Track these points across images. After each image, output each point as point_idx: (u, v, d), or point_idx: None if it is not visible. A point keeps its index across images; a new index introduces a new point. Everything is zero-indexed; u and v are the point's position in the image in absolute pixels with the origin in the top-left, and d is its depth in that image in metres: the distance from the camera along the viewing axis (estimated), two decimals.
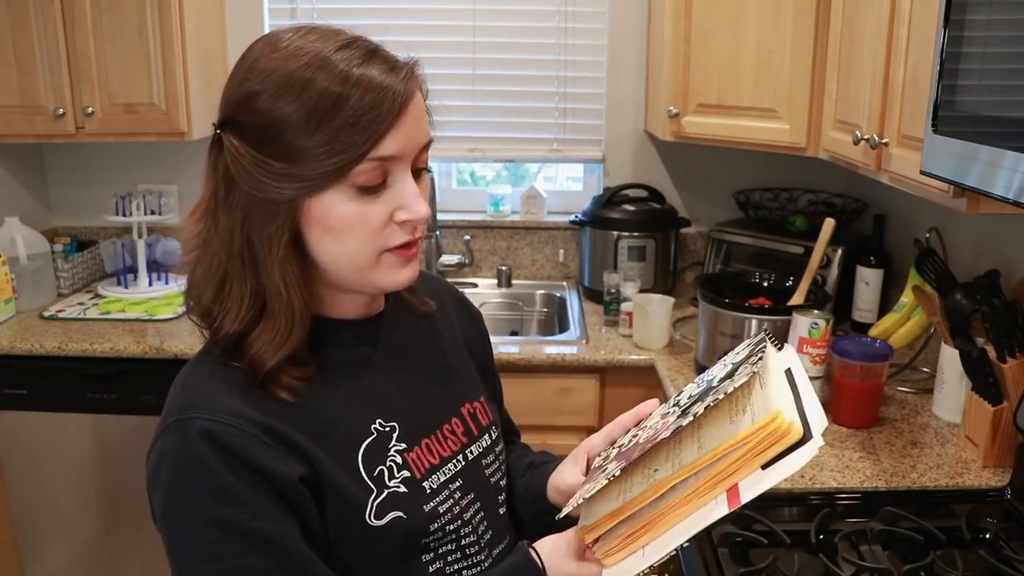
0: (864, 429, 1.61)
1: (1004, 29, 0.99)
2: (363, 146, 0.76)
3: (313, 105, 0.75)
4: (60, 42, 2.18)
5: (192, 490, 0.76)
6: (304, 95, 0.75)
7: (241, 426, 0.77)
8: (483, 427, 0.99)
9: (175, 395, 0.83)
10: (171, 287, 2.48)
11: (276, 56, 0.78)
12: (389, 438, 0.88)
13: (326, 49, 0.78)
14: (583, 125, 2.58)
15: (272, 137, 0.76)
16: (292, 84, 0.76)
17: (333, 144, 0.75)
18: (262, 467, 0.77)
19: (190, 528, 0.76)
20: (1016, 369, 1.41)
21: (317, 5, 2.49)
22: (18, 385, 2.12)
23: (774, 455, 0.72)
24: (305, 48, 0.78)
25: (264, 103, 0.77)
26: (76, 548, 2.23)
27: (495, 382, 1.12)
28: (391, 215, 0.80)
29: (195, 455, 0.76)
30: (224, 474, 0.75)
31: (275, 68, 0.77)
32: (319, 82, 0.75)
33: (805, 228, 2.22)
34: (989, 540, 1.22)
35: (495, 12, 2.47)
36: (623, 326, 2.17)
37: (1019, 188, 0.92)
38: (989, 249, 1.73)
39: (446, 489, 0.90)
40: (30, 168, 2.59)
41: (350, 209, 0.78)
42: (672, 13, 2.10)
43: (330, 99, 0.75)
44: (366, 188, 0.78)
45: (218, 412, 0.78)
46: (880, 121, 1.48)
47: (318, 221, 0.79)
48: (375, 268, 0.82)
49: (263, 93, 0.77)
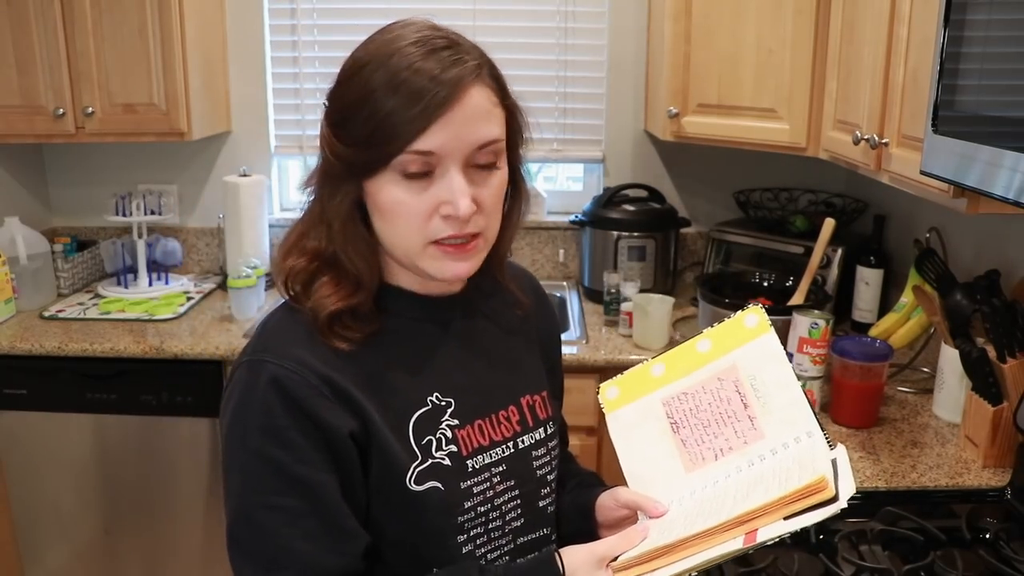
0: (864, 429, 1.61)
1: (1004, 29, 0.99)
2: (402, 140, 0.80)
3: (367, 95, 0.81)
4: (60, 42, 2.18)
5: (250, 426, 0.83)
6: (363, 85, 0.81)
7: (305, 376, 0.83)
8: (540, 420, 1.00)
9: (255, 336, 0.90)
10: (171, 287, 2.48)
11: (364, 45, 0.85)
12: (443, 412, 0.91)
13: (401, 41, 0.82)
14: (583, 125, 2.58)
15: (338, 121, 0.84)
16: (357, 72, 0.82)
17: (376, 135, 0.80)
18: (316, 417, 0.82)
19: (242, 458, 0.84)
20: (1016, 369, 1.41)
21: (317, 5, 2.50)
22: (18, 385, 2.12)
23: (801, 508, 0.75)
24: (385, 39, 0.83)
25: (338, 87, 0.85)
26: (76, 548, 2.23)
27: (559, 382, 1.15)
28: (436, 208, 0.82)
29: (259, 396, 0.83)
30: (280, 417, 0.82)
31: (356, 56, 0.84)
32: (377, 74, 0.80)
33: (805, 228, 2.22)
34: (989, 540, 1.22)
35: (495, 12, 2.47)
36: (623, 326, 2.17)
37: (1019, 188, 0.92)
38: (989, 249, 1.73)
39: (488, 471, 0.92)
40: (30, 168, 2.59)
41: (397, 195, 0.83)
42: (672, 13, 2.10)
43: (381, 90, 0.80)
44: (412, 176, 0.82)
45: (286, 359, 0.84)
46: (880, 121, 1.48)
47: (373, 200, 0.85)
48: (421, 257, 0.85)
49: (340, 77, 0.85)
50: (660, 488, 0.90)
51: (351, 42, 0.87)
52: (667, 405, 0.93)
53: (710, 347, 0.93)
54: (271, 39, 2.54)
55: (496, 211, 0.88)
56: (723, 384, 0.90)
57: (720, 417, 0.89)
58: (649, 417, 0.93)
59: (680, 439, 0.90)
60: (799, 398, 0.87)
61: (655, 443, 0.92)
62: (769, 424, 0.86)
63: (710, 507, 0.82)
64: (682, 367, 0.94)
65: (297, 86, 2.56)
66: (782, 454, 0.83)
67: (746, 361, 0.90)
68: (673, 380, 0.94)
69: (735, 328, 0.93)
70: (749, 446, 0.86)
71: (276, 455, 0.82)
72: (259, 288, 2.28)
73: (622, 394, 0.97)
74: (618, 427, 0.95)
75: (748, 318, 0.93)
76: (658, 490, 0.89)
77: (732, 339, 0.92)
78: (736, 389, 0.89)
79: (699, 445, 0.89)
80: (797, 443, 0.83)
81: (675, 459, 0.90)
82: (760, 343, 0.91)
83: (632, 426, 0.94)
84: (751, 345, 0.91)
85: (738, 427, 0.87)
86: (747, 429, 0.87)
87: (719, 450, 0.87)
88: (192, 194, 2.66)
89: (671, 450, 0.90)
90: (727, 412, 0.88)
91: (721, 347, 0.93)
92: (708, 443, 0.88)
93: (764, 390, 0.88)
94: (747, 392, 0.89)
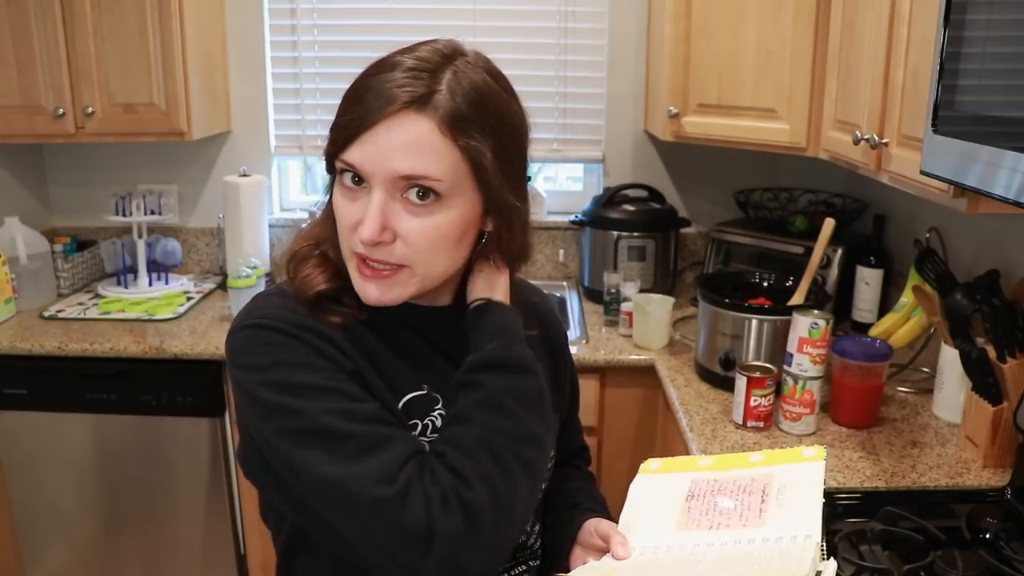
0: (864, 429, 1.61)
1: (1004, 29, 0.99)
2: (337, 146, 0.83)
3: (344, 97, 0.84)
4: (60, 42, 2.18)
5: (266, 367, 0.83)
6: (348, 88, 0.84)
7: (304, 324, 0.85)
8: None
9: (242, 311, 0.90)
10: (171, 287, 2.48)
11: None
12: (436, 401, 0.91)
13: (390, 55, 0.84)
14: (583, 125, 2.58)
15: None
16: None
17: (331, 134, 0.84)
18: (322, 333, 0.85)
19: (271, 398, 0.81)
20: (1016, 369, 1.41)
21: (317, 5, 2.49)
22: (18, 385, 2.12)
23: None
24: (390, 52, 0.85)
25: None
26: (76, 548, 2.23)
27: (568, 397, 1.13)
28: (358, 222, 0.83)
29: (259, 336, 0.84)
30: (288, 338, 0.84)
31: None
32: (359, 76, 0.84)
33: (805, 228, 2.22)
34: (989, 540, 1.21)
35: (495, 12, 2.47)
36: (623, 326, 2.17)
37: (1019, 188, 0.92)
38: (989, 249, 1.73)
39: None
40: (30, 168, 2.59)
41: (338, 198, 0.85)
42: (672, 13, 2.10)
43: (348, 95, 0.83)
44: (348, 185, 0.83)
45: (280, 320, 0.85)
46: (880, 121, 1.48)
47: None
48: (350, 267, 0.87)
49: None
50: (643, 533, 0.90)
51: (351, 42, 0.88)
52: (695, 483, 0.95)
53: (761, 459, 0.96)
54: (271, 39, 2.54)
55: (432, 251, 0.84)
56: (754, 483, 0.92)
57: (735, 505, 0.90)
58: (673, 485, 0.95)
59: (688, 506, 0.91)
60: (815, 509, 0.87)
61: (663, 501, 0.93)
62: (775, 519, 0.87)
63: (681, 568, 0.83)
64: (728, 465, 0.97)
65: (297, 86, 2.56)
66: (773, 545, 0.83)
67: (785, 475, 0.92)
68: (714, 471, 0.96)
69: (792, 453, 0.95)
70: (746, 529, 0.86)
71: (306, 378, 0.82)
72: (259, 288, 2.27)
73: (663, 468, 1.00)
74: (641, 484, 0.98)
75: (808, 449, 0.95)
76: (640, 534, 0.90)
77: (784, 459, 0.95)
78: (763, 490, 0.91)
79: (701, 515, 0.90)
80: (792, 540, 0.83)
81: (672, 517, 0.91)
82: (807, 466, 0.92)
83: (653, 486, 0.97)
84: (797, 465, 0.93)
85: (745, 513, 0.88)
86: (752, 516, 0.87)
87: (716, 523, 0.88)
88: (192, 194, 2.66)
89: (674, 510, 0.92)
90: (743, 502, 0.90)
91: (771, 461, 0.95)
92: (710, 515, 0.89)
93: (787, 496, 0.89)
94: (770, 493, 0.90)
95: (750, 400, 1.59)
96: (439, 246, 0.84)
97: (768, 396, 1.59)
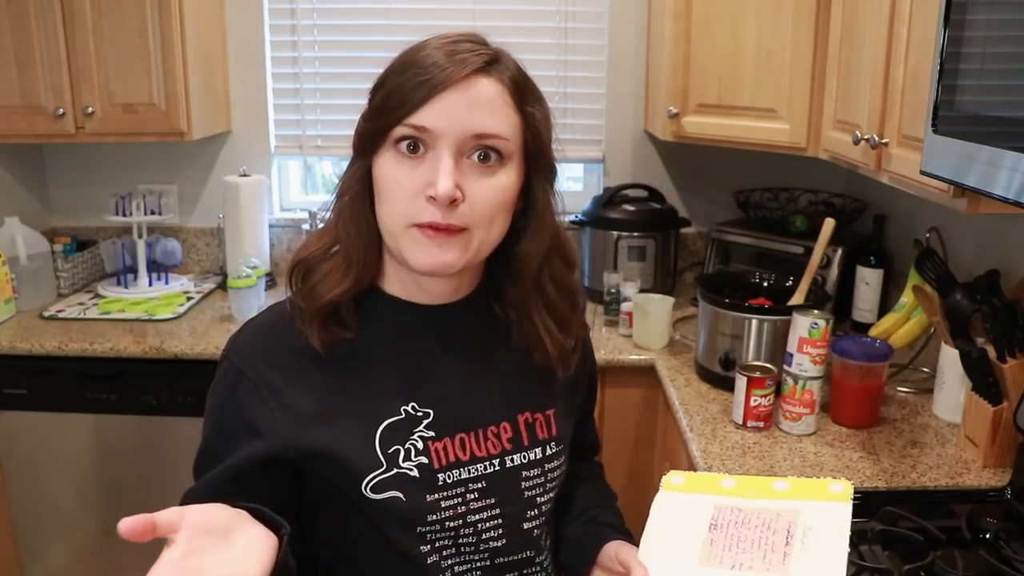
0: (864, 429, 1.61)
1: (1004, 29, 0.99)
2: (401, 111, 0.82)
3: (386, 76, 0.86)
4: (60, 42, 2.18)
5: (211, 407, 0.94)
6: (386, 70, 0.86)
7: (255, 379, 0.88)
8: (538, 440, 0.97)
9: (246, 324, 0.95)
10: (171, 287, 2.48)
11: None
12: (418, 422, 0.90)
13: (434, 37, 0.86)
14: (583, 125, 2.58)
15: (368, 103, 0.89)
16: (389, 64, 0.87)
17: (382, 105, 0.84)
18: (254, 420, 0.89)
19: (208, 424, 0.94)
20: (1016, 369, 1.41)
21: (317, 5, 2.49)
22: (18, 385, 2.12)
23: None
24: (423, 40, 0.87)
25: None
26: (76, 548, 2.23)
27: (585, 398, 1.11)
28: (422, 188, 0.83)
29: (220, 390, 0.92)
30: (226, 409, 0.91)
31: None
32: (399, 59, 0.86)
33: (805, 228, 2.22)
34: (989, 540, 1.21)
35: (495, 12, 2.47)
36: (623, 326, 2.17)
37: (1019, 188, 0.92)
38: (989, 249, 1.73)
39: (462, 487, 0.90)
40: (30, 168, 2.59)
41: (390, 172, 0.84)
42: (672, 13, 2.10)
43: (397, 69, 0.85)
44: (406, 154, 0.83)
45: (247, 362, 0.89)
46: (880, 121, 1.47)
47: (376, 179, 0.87)
48: (403, 238, 0.85)
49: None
50: (663, 565, 0.89)
51: (351, 42, 0.88)
52: (718, 509, 0.93)
53: (787, 489, 0.95)
54: (271, 39, 2.54)
55: (494, 215, 0.86)
56: (779, 519, 0.91)
57: (758, 541, 0.89)
58: (695, 510, 0.94)
59: (710, 538, 0.90)
60: (840, 561, 0.86)
61: (685, 531, 0.92)
62: (798, 567, 0.86)
63: None
64: (751, 490, 0.95)
65: (297, 86, 2.56)
66: None
67: (811, 514, 0.91)
68: (737, 496, 0.95)
69: (819, 486, 0.94)
70: (768, 574, 0.85)
71: (215, 445, 0.91)
72: (259, 288, 2.27)
73: (685, 484, 0.98)
74: (662, 505, 0.96)
75: (835, 484, 0.94)
76: (660, 566, 0.89)
77: (810, 492, 0.94)
78: (787, 529, 0.89)
79: (723, 551, 0.89)
80: None
81: (694, 550, 0.89)
82: (834, 507, 0.91)
83: (675, 510, 0.95)
84: (825, 504, 0.92)
85: (769, 555, 0.87)
86: (776, 561, 0.86)
87: (739, 563, 0.87)
88: (192, 194, 2.66)
89: (695, 542, 0.90)
90: (767, 540, 0.88)
91: (796, 493, 0.94)
92: (732, 553, 0.88)
93: (812, 543, 0.88)
94: (795, 536, 0.88)
95: (750, 400, 1.59)
96: (499, 210, 0.87)
97: (768, 396, 1.59)
